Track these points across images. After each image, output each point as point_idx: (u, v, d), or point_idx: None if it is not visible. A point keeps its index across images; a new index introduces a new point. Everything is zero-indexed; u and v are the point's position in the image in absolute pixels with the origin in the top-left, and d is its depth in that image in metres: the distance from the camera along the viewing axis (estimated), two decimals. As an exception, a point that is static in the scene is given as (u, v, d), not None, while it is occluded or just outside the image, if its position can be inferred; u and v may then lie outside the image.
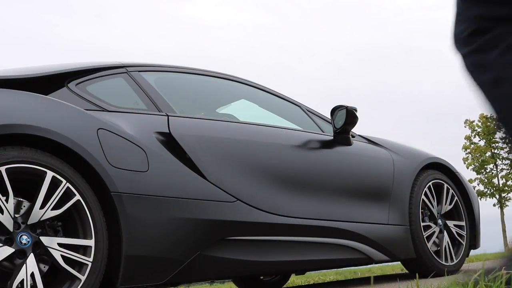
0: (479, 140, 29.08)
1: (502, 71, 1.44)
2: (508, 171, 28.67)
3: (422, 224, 3.98)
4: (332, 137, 3.91)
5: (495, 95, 1.47)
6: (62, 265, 2.35)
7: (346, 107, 3.79)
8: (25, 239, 2.31)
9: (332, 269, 7.29)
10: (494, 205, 28.28)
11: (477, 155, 28.44)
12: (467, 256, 4.31)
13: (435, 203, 4.16)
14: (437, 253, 4.05)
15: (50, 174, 2.39)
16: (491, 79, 1.46)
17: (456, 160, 29.40)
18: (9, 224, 2.29)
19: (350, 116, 3.81)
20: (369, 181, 3.98)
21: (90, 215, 2.46)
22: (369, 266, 6.53)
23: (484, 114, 28.96)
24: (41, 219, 2.37)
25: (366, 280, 4.94)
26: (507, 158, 28.70)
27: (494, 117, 1.59)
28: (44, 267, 2.39)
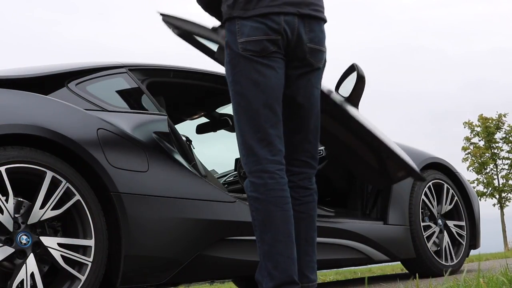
0: (479, 140, 29.06)
1: None
2: (508, 171, 28.65)
3: (422, 224, 3.98)
4: None
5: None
6: (62, 265, 2.35)
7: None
8: (25, 239, 2.31)
9: (332, 269, 7.29)
10: (494, 205, 28.27)
11: (477, 156, 28.42)
12: (467, 256, 4.31)
13: (435, 203, 4.16)
14: (437, 253, 4.05)
15: (50, 174, 2.39)
16: None
17: (458, 160, 29.40)
18: (9, 224, 2.29)
19: None
20: (369, 181, 3.98)
21: (90, 215, 2.45)
22: (369, 266, 6.53)
23: (483, 115, 28.97)
24: (41, 219, 2.37)
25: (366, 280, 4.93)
26: (507, 158, 28.70)
27: None
28: (44, 267, 2.39)
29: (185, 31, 2.87)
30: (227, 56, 2.25)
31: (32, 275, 2.28)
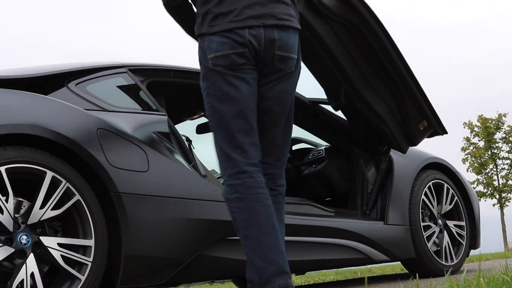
0: (479, 140, 29.04)
1: None
2: (508, 171, 28.64)
3: (422, 224, 3.98)
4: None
5: None
6: (62, 265, 2.35)
7: None
8: (25, 239, 2.31)
9: (332, 269, 7.29)
10: (494, 205, 28.26)
11: (477, 156, 28.41)
12: (467, 256, 4.31)
13: (435, 203, 4.16)
14: (437, 253, 4.05)
15: (50, 174, 2.38)
16: None
17: (458, 160, 29.36)
18: (9, 224, 2.29)
19: None
20: (369, 181, 3.98)
21: (90, 215, 2.45)
22: (369, 266, 6.53)
23: (483, 115, 28.95)
24: (41, 219, 2.37)
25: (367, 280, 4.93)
26: (507, 158, 28.69)
27: None
28: (44, 267, 2.39)
29: None
30: (201, 71, 2.34)
31: (32, 275, 2.28)
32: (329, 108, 4.08)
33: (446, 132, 3.87)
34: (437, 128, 3.81)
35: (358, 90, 3.59)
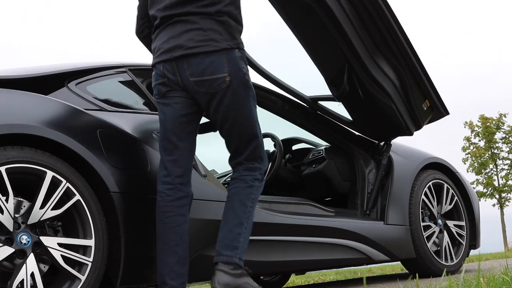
0: (479, 140, 29.03)
1: None
2: (508, 171, 28.63)
3: (422, 224, 3.98)
4: None
5: None
6: (62, 265, 2.35)
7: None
8: (25, 239, 2.31)
9: (332, 269, 7.29)
10: (494, 205, 28.25)
11: (477, 156, 28.40)
12: (467, 256, 4.31)
13: (435, 203, 4.16)
14: (437, 253, 4.05)
15: (50, 174, 2.39)
16: None
17: (458, 160, 29.35)
18: (9, 224, 2.29)
19: None
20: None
21: (90, 215, 2.45)
22: (369, 266, 6.54)
23: (484, 115, 28.95)
24: (41, 219, 2.37)
25: (366, 280, 4.94)
26: (507, 158, 28.69)
27: None
28: (44, 267, 2.39)
29: None
30: None
31: (32, 275, 2.28)
32: (329, 106, 4.08)
33: (448, 113, 3.88)
34: (439, 108, 3.80)
35: (366, 67, 3.57)
